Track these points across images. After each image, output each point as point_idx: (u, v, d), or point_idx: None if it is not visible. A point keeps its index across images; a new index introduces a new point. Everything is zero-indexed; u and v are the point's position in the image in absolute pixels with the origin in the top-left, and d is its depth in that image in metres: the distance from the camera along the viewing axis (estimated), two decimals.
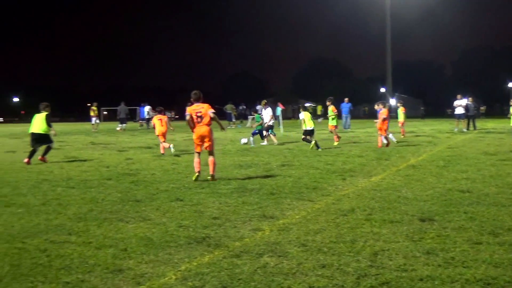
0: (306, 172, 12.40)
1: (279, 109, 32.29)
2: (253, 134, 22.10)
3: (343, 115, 37.83)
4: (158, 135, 18.41)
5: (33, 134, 15.80)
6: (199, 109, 11.51)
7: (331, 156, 16.23)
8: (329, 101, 22.69)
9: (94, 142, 24.45)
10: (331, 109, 22.53)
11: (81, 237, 6.52)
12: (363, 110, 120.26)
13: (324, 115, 49.23)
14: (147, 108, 45.36)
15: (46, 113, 15.90)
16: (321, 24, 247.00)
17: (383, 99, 37.77)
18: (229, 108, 48.22)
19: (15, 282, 4.94)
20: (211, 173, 11.30)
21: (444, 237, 6.28)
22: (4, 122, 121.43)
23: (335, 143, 20.93)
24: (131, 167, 13.85)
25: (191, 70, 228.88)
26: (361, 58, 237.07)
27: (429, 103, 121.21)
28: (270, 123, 22.35)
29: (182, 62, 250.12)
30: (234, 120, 47.96)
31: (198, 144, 11.51)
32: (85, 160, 15.92)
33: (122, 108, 41.81)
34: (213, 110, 11.58)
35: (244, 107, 56.04)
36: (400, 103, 31.12)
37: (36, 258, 5.62)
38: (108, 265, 5.34)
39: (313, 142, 18.44)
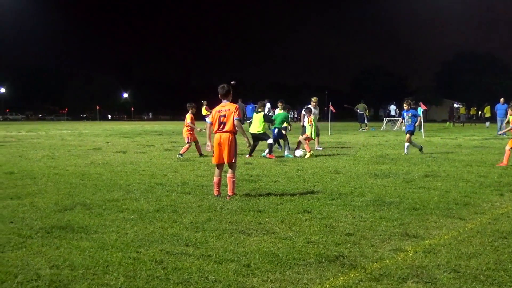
0: (455, 185, 12.03)
1: (420, 110, 31.63)
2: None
3: (498, 118, 36.35)
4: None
5: (251, 134, 19.12)
6: (224, 111, 10.54)
7: (484, 166, 15.64)
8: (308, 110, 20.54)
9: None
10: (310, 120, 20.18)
11: (199, 249, 6.70)
12: None
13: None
14: (268, 105, 45.96)
15: (263, 113, 19.41)
16: (470, 11, 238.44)
17: None
18: (361, 108, 47.82)
19: None
20: (228, 193, 10.45)
21: None
22: (112, 119, 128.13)
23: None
24: (251, 173, 14.11)
25: (316, 65, 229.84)
26: None
27: None
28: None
29: (306, 57, 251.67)
30: (366, 122, 47.49)
31: (217, 155, 10.53)
32: (200, 163, 16.40)
33: (240, 106, 42.77)
34: (238, 116, 10.48)
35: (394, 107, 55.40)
36: None
37: (152, 270, 5.84)
38: (230, 282, 5.45)
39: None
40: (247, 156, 18.70)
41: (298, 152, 19.17)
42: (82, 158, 18.23)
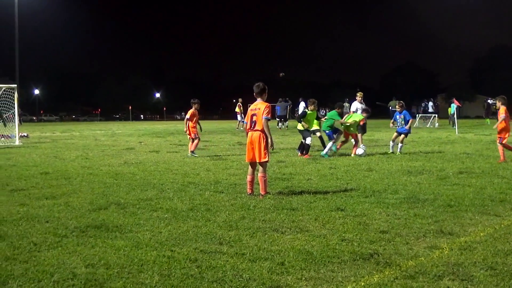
0: (490, 182, 11.88)
1: (453, 107, 31.29)
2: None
3: None
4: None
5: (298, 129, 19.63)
6: (255, 110, 10.57)
7: None
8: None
9: (241, 142, 25.10)
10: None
11: (233, 247, 6.71)
12: None
13: None
14: (302, 104, 45.96)
15: (305, 110, 19.64)
16: (504, 5, 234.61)
17: None
18: (393, 104, 47.44)
19: None
20: (261, 192, 10.43)
21: None
22: (145, 119, 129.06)
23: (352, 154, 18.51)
24: (283, 171, 14.09)
25: (347, 62, 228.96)
26: None
27: None
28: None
29: (337, 55, 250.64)
30: None
31: (249, 153, 10.59)
32: (232, 162, 16.43)
33: (282, 106, 43.71)
34: (266, 115, 10.41)
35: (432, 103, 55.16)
36: None
37: (186, 268, 5.86)
38: (264, 281, 5.44)
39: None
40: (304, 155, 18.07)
41: (360, 151, 18.62)
42: (115, 158, 18.38)
